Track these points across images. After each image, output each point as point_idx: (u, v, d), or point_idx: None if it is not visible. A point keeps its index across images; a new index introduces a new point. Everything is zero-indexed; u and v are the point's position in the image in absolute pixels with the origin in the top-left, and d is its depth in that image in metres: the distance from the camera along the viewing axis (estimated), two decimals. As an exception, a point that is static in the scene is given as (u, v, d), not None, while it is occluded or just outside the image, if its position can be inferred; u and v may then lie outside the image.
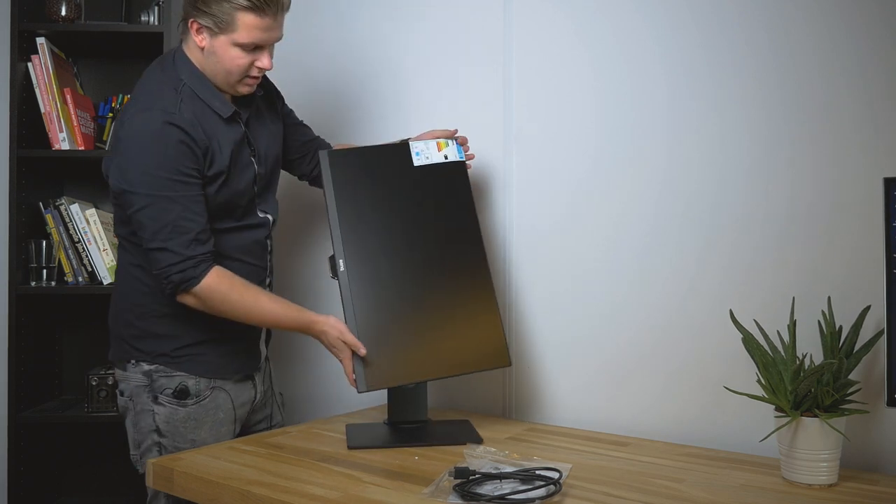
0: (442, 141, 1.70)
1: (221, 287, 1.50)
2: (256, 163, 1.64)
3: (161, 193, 1.47)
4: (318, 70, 2.14)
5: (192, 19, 1.50)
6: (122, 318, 1.64)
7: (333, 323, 1.55)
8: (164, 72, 1.57)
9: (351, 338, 1.53)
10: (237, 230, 1.62)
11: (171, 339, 1.58)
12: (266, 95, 1.72)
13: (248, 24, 1.47)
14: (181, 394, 1.56)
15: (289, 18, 1.75)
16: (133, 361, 1.60)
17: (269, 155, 1.69)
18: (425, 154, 1.68)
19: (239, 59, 1.51)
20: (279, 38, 1.57)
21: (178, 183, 1.47)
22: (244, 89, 1.58)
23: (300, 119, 1.87)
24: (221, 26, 1.48)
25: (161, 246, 1.47)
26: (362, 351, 1.52)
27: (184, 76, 1.55)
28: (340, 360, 1.55)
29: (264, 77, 1.68)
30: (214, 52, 1.51)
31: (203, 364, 1.60)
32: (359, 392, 1.54)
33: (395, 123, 2.06)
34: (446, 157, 1.68)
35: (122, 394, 1.63)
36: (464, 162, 1.72)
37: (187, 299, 1.51)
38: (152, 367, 1.58)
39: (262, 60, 1.54)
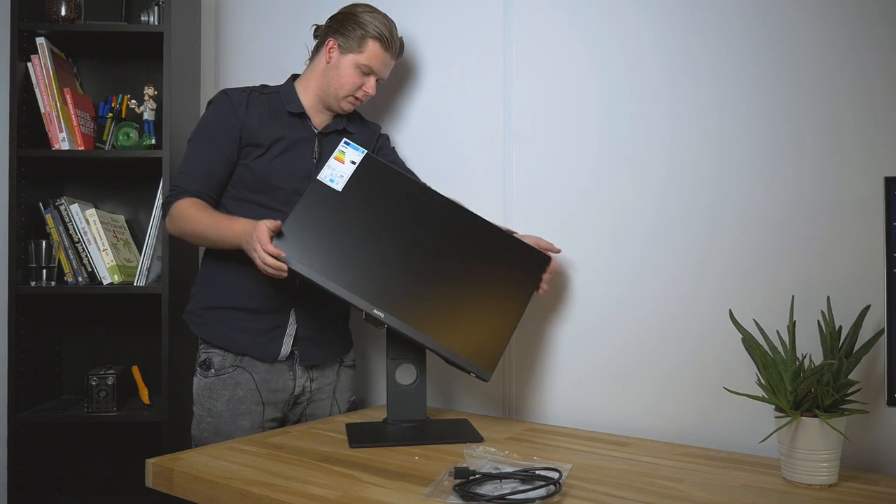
0: (339, 153, 1.65)
1: (185, 205, 1.70)
2: (316, 165, 1.81)
3: (196, 137, 1.78)
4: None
5: (330, 38, 1.82)
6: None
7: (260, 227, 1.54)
8: (266, 86, 1.88)
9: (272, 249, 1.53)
10: (276, 211, 1.73)
11: (197, 300, 1.81)
12: (363, 136, 1.92)
13: (372, 51, 1.80)
14: (205, 364, 1.76)
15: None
16: (199, 341, 1.81)
17: None
18: (338, 174, 1.64)
19: (354, 77, 1.81)
20: (385, 77, 1.87)
21: (207, 135, 1.76)
22: (346, 106, 1.85)
23: (393, 152, 1.99)
24: (351, 47, 1.80)
25: (176, 174, 1.77)
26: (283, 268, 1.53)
27: (280, 87, 1.87)
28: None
29: (372, 123, 1.98)
30: (338, 66, 1.81)
31: (217, 332, 1.76)
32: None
33: (394, 125, 2.07)
34: (353, 163, 1.65)
35: None
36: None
37: (167, 224, 1.75)
38: (201, 345, 1.79)
39: (368, 85, 1.83)
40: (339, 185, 1.62)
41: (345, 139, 1.68)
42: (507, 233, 1.70)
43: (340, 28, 1.81)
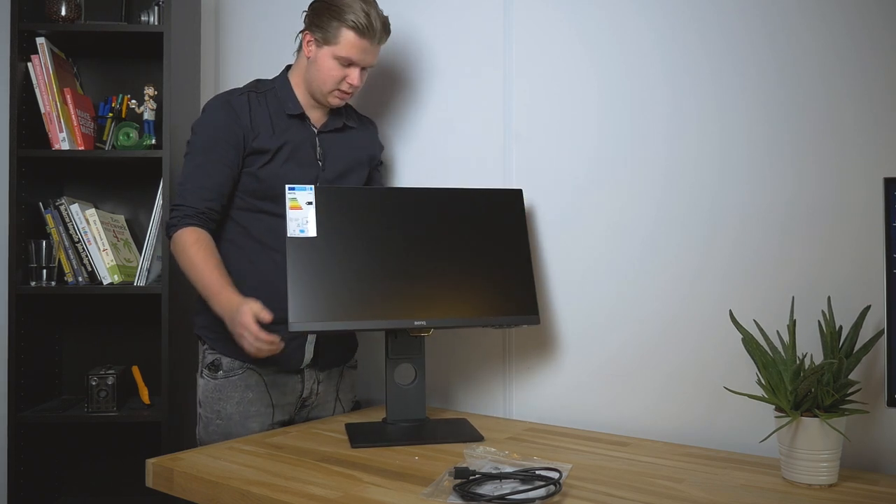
0: (292, 202, 1.60)
1: (189, 241, 1.64)
2: (322, 167, 1.79)
3: (197, 148, 1.70)
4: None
5: (307, 32, 1.75)
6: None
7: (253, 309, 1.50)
8: (260, 81, 1.84)
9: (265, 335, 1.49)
10: (280, 217, 1.66)
11: (209, 314, 1.69)
12: (364, 135, 1.90)
13: (348, 41, 1.71)
14: (213, 366, 1.74)
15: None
16: (201, 342, 1.79)
17: (342, 172, 1.83)
18: (303, 221, 1.60)
19: (334, 70, 1.73)
20: (372, 64, 1.78)
21: (209, 146, 1.69)
22: (334, 101, 1.78)
23: (382, 180, 1.97)
24: (327, 39, 1.71)
25: (179, 189, 1.70)
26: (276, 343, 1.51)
27: (275, 83, 1.82)
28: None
29: (371, 125, 1.94)
30: (316, 61, 1.74)
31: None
32: None
33: (393, 125, 2.07)
34: (310, 203, 1.60)
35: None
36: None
37: (171, 245, 1.70)
38: (205, 346, 1.76)
39: (352, 76, 1.74)
40: (311, 231, 1.59)
41: (287, 185, 1.61)
42: (464, 189, 1.73)
43: (317, 20, 1.74)
